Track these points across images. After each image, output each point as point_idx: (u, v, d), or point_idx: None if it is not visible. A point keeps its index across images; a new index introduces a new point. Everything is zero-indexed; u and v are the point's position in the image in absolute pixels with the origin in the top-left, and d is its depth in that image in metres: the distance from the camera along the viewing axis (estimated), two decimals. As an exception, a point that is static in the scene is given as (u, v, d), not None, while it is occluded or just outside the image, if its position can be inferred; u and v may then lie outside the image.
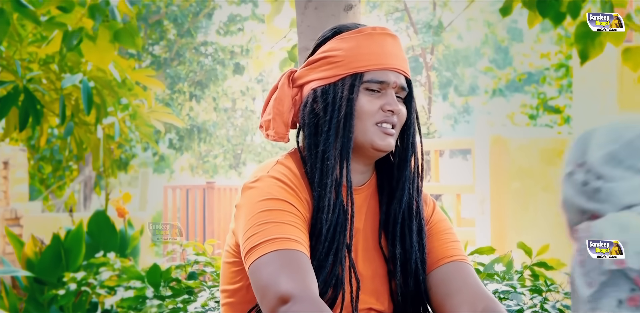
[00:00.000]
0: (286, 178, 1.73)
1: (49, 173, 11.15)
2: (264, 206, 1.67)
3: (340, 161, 1.74)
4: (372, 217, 1.81)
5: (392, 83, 1.77)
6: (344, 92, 1.75)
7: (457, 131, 21.16)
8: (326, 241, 1.70)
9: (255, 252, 1.63)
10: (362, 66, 1.76)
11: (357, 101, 1.75)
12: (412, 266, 1.78)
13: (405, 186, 1.80)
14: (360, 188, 1.81)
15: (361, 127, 1.75)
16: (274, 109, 1.82)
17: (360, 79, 1.75)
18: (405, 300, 1.79)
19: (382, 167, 1.85)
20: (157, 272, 3.52)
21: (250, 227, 1.66)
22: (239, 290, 1.78)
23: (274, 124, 1.82)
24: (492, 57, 22.20)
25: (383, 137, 1.76)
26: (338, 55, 1.77)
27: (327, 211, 1.71)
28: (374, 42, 1.78)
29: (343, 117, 1.74)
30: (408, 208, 1.80)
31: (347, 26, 1.82)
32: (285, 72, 1.85)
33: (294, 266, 1.60)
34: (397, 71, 1.78)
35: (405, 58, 1.82)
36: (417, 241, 1.80)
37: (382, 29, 1.80)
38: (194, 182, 16.03)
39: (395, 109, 1.75)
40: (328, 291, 1.69)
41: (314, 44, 1.85)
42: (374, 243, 1.80)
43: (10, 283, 5.51)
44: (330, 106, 1.75)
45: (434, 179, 6.95)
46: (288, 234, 1.64)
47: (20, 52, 5.27)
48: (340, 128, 1.74)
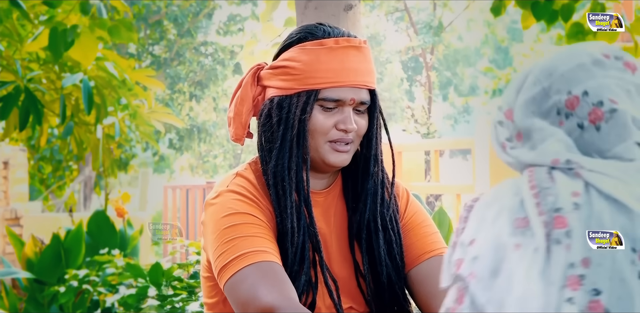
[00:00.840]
0: (245, 190, 1.72)
1: (49, 173, 11.15)
2: (227, 222, 1.66)
3: (297, 183, 1.71)
4: (340, 218, 1.80)
5: (348, 100, 1.72)
6: (297, 109, 1.71)
7: (457, 131, 21.17)
8: (294, 264, 1.68)
9: (229, 270, 1.62)
10: (318, 83, 1.71)
11: (311, 119, 1.72)
12: (382, 280, 1.76)
13: (368, 199, 1.77)
14: (323, 191, 1.80)
15: (314, 144, 1.73)
16: (235, 108, 1.80)
17: (316, 96, 1.71)
18: (382, 299, 1.77)
19: (348, 167, 1.82)
20: (159, 271, 3.53)
21: (218, 245, 1.65)
22: (217, 304, 1.78)
23: (234, 124, 1.81)
24: (492, 57, 22.20)
25: (336, 155, 1.73)
26: (297, 67, 1.73)
27: (291, 233, 1.69)
28: (334, 57, 1.72)
29: (295, 135, 1.71)
30: (373, 222, 1.77)
31: (313, 33, 1.76)
32: (253, 67, 1.80)
33: (270, 278, 1.59)
34: (356, 87, 1.72)
35: (370, 69, 1.76)
36: (386, 253, 1.77)
37: (346, 41, 1.74)
38: (194, 182, 16.03)
39: (349, 128, 1.71)
40: (302, 296, 1.69)
41: (281, 44, 1.81)
42: (345, 243, 1.79)
43: (10, 283, 5.51)
44: (283, 123, 1.72)
45: (434, 179, 6.96)
46: (257, 246, 1.63)
47: (20, 52, 5.27)
48: (293, 147, 1.71)
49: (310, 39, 1.75)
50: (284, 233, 1.69)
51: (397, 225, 1.80)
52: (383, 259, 1.76)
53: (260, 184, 1.75)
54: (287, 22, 4.80)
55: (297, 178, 1.71)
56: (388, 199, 1.80)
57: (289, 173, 1.71)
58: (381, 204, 1.78)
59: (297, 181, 1.71)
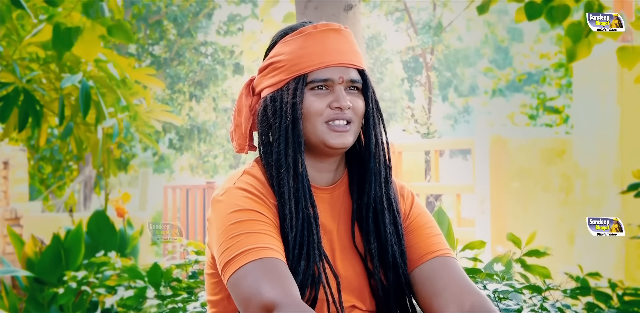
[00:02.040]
0: (252, 187, 1.73)
1: (49, 173, 11.16)
2: (233, 218, 1.68)
3: (295, 167, 1.73)
4: (345, 215, 1.81)
5: (337, 79, 1.74)
6: (289, 97, 1.73)
7: (457, 131, 21.16)
8: (295, 249, 1.70)
9: (232, 265, 1.63)
10: (304, 68, 1.74)
11: (303, 103, 1.73)
12: (389, 260, 1.77)
13: (372, 178, 1.78)
14: (329, 187, 1.80)
15: (311, 128, 1.74)
16: (234, 120, 1.83)
17: (304, 81, 1.74)
18: (388, 296, 1.78)
19: (353, 163, 1.84)
20: (157, 272, 3.53)
21: (223, 241, 1.66)
22: (221, 301, 1.78)
23: (235, 136, 1.83)
24: (492, 58, 22.19)
25: (336, 135, 1.74)
26: (281, 60, 1.76)
27: (289, 218, 1.71)
28: (314, 41, 1.75)
29: (290, 122, 1.73)
30: (379, 201, 1.78)
31: (293, 27, 1.80)
32: (246, 81, 1.84)
33: (273, 274, 1.60)
34: (342, 66, 1.75)
35: (354, 50, 1.78)
36: (392, 233, 1.78)
37: (324, 26, 1.77)
38: (194, 182, 16.02)
39: (343, 105, 1.73)
40: (305, 293, 1.69)
41: (267, 49, 1.84)
42: (349, 241, 1.79)
43: (10, 283, 5.51)
44: (278, 113, 1.74)
45: (434, 179, 6.96)
46: (262, 243, 1.64)
47: (20, 52, 5.27)
48: (289, 134, 1.73)
49: (290, 33, 1.79)
50: (283, 219, 1.71)
51: (398, 210, 1.81)
52: (390, 238, 1.77)
53: (268, 182, 1.75)
54: (286, 18, 4.80)
55: (294, 163, 1.72)
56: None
57: (286, 159, 1.72)
58: (386, 185, 1.80)
59: (294, 165, 1.72)
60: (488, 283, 2.76)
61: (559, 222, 6.46)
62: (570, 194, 6.45)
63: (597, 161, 6.09)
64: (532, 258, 3.01)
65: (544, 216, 6.42)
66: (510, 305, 2.66)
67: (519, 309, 2.66)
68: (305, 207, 1.72)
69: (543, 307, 2.71)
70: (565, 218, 6.45)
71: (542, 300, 2.75)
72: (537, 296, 2.78)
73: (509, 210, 6.40)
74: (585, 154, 6.21)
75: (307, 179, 1.74)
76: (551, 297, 2.82)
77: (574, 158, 6.32)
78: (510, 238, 2.99)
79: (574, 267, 3.15)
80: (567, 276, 2.96)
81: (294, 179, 1.73)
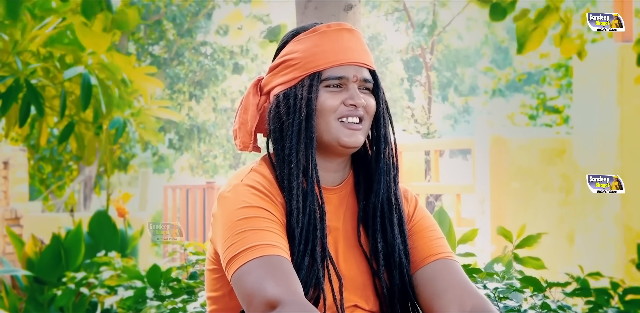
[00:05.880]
0: (260, 184, 1.73)
1: (49, 173, 11.16)
2: (240, 215, 1.68)
3: (306, 163, 1.74)
4: (351, 215, 1.81)
5: (351, 77, 1.76)
6: (304, 93, 1.74)
7: (457, 131, 21.16)
8: (301, 244, 1.70)
9: (237, 261, 1.63)
10: (319, 65, 1.75)
11: (318, 100, 1.75)
12: (395, 259, 1.77)
13: (382, 178, 1.80)
14: (336, 187, 1.81)
15: (324, 124, 1.75)
16: (240, 118, 1.84)
17: (319, 78, 1.75)
18: (392, 296, 1.78)
19: (359, 164, 1.84)
20: (157, 272, 3.53)
21: (228, 236, 1.67)
22: (222, 297, 1.78)
23: (240, 134, 1.84)
24: (492, 58, 22.20)
25: (349, 133, 1.75)
26: (295, 57, 1.77)
27: (296, 214, 1.71)
28: (329, 40, 1.77)
29: (304, 118, 1.74)
30: (387, 200, 1.80)
31: (305, 27, 1.82)
32: (254, 80, 1.85)
33: (278, 272, 1.60)
34: (356, 65, 1.77)
35: (366, 50, 1.80)
36: (398, 233, 1.79)
37: (337, 25, 1.79)
38: (194, 182, 16.02)
39: (358, 102, 1.75)
40: (309, 292, 1.70)
41: (277, 49, 1.85)
42: (354, 241, 1.80)
43: (10, 283, 5.51)
44: (292, 109, 1.75)
45: (434, 179, 6.95)
46: (267, 240, 1.65)
47: (24, 44, 5.25)
48: (302, 130, 1.74)
49: (302, 32, 1.80)
50: (290, 214, 1.71)
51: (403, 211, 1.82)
52: (397, 237, 1.78)
53: (275, 179, 1.76)
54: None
55: (305, 159, 1.73)
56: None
57: (297, 155, 1.73)
58: (394, 185, 1.81)
59: (305, 161, 1.73)
60: (488, 282, 2.76)
61: (559, 222, 6.46)
62: (570, 194, 6.46)
63: (597, 161, 6.09)
64: (525, 249, 3.01)
65: (544, 216, 6.42)
66: (510, 306, 2.66)
67: (519, 309, 2.66)
68: (312, 203, 1.73)
69: (544, 305, 2.71)
70: (565, 218, 6.45)
71: (542, 299, 2.75)
72: (538, 295, 2.78)
73: (509, 210, 6.40)
74: (585, 154, 6.21)
75: (317, 175, 1.74)
76: (552, 296, 2.82)
77: (574, 158, 6.32)
78: (501, 232, 2.99)
79: (574, 267, 3.15)
80: (568, 276, 2.96)
81: (304, 175, 1.73)
